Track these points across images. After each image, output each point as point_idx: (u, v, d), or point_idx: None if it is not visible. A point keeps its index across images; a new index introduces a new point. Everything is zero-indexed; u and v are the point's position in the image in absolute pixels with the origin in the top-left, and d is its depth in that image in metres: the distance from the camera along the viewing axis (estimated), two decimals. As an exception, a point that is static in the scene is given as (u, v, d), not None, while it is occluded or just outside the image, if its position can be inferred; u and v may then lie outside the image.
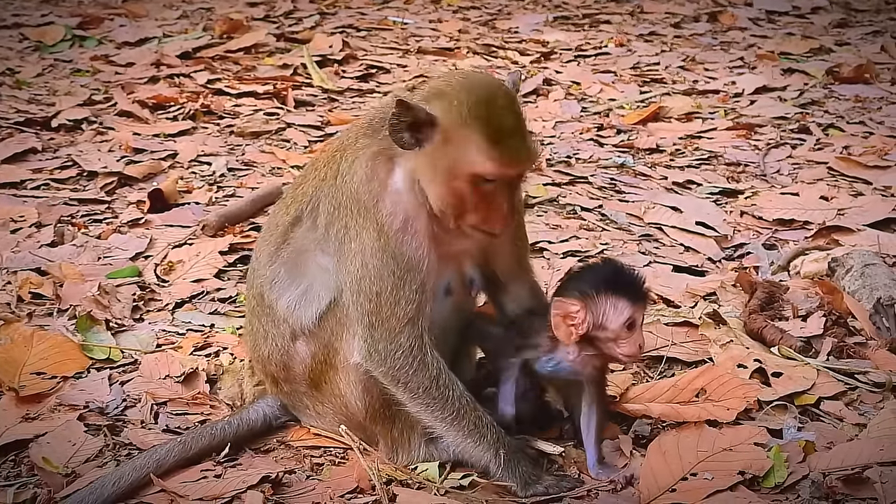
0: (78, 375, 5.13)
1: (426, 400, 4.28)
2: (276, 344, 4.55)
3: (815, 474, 4.38)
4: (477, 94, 4.14)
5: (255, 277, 4.65)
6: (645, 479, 4.33)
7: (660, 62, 11.03)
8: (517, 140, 4.15)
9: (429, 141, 4.13)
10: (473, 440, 4.29)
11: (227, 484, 4.28)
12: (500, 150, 4.09)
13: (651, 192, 7.55)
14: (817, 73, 10.51)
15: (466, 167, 4.10)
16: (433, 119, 4.11)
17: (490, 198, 4.18)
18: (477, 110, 4.10)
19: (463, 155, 4.09)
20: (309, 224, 4.44)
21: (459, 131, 4.09)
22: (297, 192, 4.57)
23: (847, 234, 6.82)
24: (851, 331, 5.60)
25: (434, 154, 4.14)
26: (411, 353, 4.25)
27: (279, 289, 4.50)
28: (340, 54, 10.73)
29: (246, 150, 8.20)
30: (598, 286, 4.25)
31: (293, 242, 4.49)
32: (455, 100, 4.13)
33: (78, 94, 9.34)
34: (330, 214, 4.35)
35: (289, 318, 4.48)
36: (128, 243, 6.54)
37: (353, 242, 4.26)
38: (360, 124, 4.49)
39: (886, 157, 8.21)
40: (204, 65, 10.28)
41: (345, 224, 4.29)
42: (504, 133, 4.11)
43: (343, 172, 4.33)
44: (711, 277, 6.26)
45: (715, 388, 4.90)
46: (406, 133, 4.12)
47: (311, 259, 4.44)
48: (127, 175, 7.58)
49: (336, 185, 4.34)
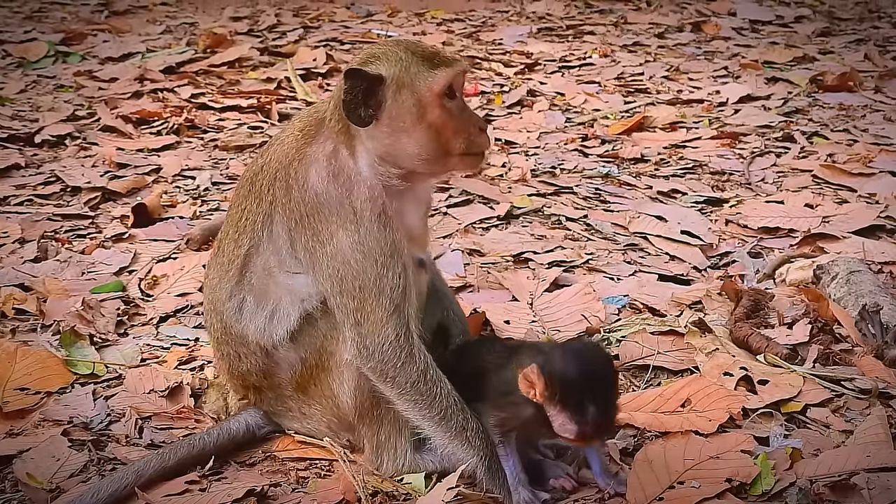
0: (62, 391, 5.11)
1: (414, 396, 4.27)
2: (253, 361, 4.55)
3: (803, 481, 4.37)
4: (402, 42, 4.41)
5: (216, 313, 4.64)
6: (632, 490, 4.30)
7: (644, 72, 11.03)
8: (446, 53, 4.42)
9: (382, 105, 4.23)
10: (461, 442, 4.28)
11: (213, 498, 4.26)
12: (443, 61, 4.31)
13: (636, 201, 7.55)
14: (801, 82, 10.52)
15: (430, 91, 4.26)
16: (381, 77, 4.23)
17: (460, 114, 4.34)
18: (410, 49, 4.33)
19: (421, 84, 4.25)
20: (270, 249, 4.43)
21: (406, 71, 4.25)
22: (241, 224, 4.53)
23: (832, 241, 6.81)
24: (837, 338, 5.60)
25: (396, 107, 4.25)
26: (399, 345, 4.25)
27: (247, 316, 4.50)
28: (324, 67, 10.72)
29: (230, 164, 8.18)
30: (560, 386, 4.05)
31: (255, 270, 4.48)
32: (388, 53, 4.31)
33: (61, 110, 9.32)
34: (292, 230, 4.35)
35: (260, 340, 4.49)
36: (112, 258, 6.52)
37: (327, 246, 4.26)
38: (288, 142, 4.47)
39: (871, 164, 8.21)
40: (188, 79, 10.26)
41: (313, 232, 4.29)
42: (436, 52, 4.38)
43: (297, 185, 4.32)
44: (697, 286, 6.25)
45: (700, 399, 4.91)
46: (361, 105, 4.19)
47: (275, 281, 4.44)
48: (111, 190, 7.56)
49: (292, 201, 4.33)
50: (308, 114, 4.57)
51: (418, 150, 4.27)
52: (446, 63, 4.32)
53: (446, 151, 4.31)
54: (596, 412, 4.02)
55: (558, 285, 6.13)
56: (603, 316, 5.76)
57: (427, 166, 4.34)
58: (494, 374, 4.38)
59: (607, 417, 4.08)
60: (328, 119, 4.38)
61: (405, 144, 4.26)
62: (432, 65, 4.27)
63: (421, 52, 4.32)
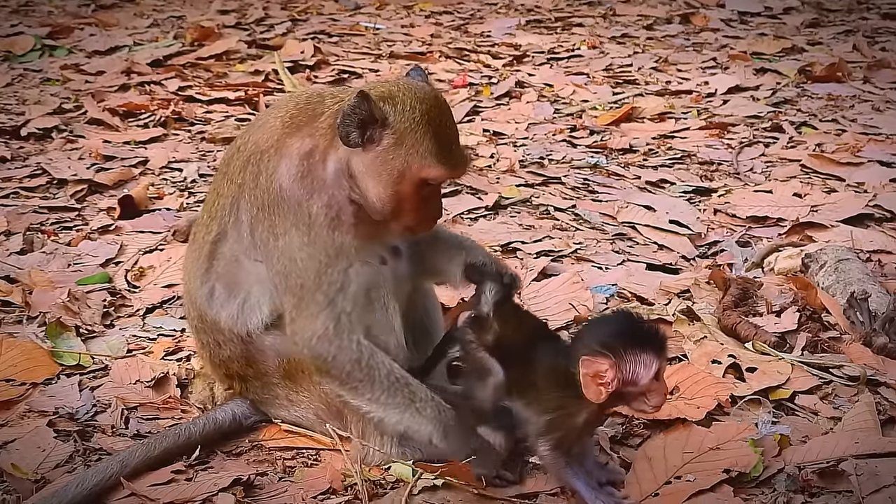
0: (48, 382, 5.09)
1: (352, 384, 4.28)
2: (232, 349, 4.54)
3: (791, 468, 4.38)
4: (428, 102, 4.25)
5: (191, 301, 4.65)
6: (629, 487, 4.30)
7: (632, 63, 11.00)
8: (459, 147, 4.34)
9: (375, 141, 4.19)
10: (411, 415, 4.29)
11: (198, 487, 4.25)
12: (450, 157, 4.25)
13: (624, 191, 7.54)
14: (790, 73, 10.50)
15: (419, 171, 4.21)
16: (386, 120, 4.16)
17: (428, 199, 4.31)
18: (430, 118, 4.21)
19: (415, 159, 4.19)
20: (236, 235, 4.43)
21: (412, 136, 4.18)
22: (213, 207, 4.53)
23: (820, 230, 6.82)
24: (825, 325, 5.60)
25: (382, 155, 4.20)
26: (328, 339, 4.25)
27: (218, 304, 4.50)
28: (312, 60, 10.68)
29: (217, 156, 8.13)
30: (623, 340, 4.02)
31: (222, 257, 4.47)
32: (407, 105, 4.21)
33: (48, 103, 9.26)
34: (253, 218, 4.34)
35: (234, 328, 4.48)
36: (98, 250, 6.49)
37: (279, 241, 4.27)
38: (273, 126, 4.43)
39: (859, 153, 8.21)
40: (175, 72, 10.21)
41: (270, 224, 4.29)
42: (451, 140, 4.29)
43: (267, 174, 4.31)
44: (685, 275, 6.25)
45: (688, 386, 4.91)
46: (355, 129, 4.14)
47: (244, 269, 4.43)
48: (97, 182, 7.54)
49: (258, 188, 4.32)
50: (306, 100, 4.48)
51: (375, 199, 4.24)
52: (450, 163, 4.25)
53: (396, 217, 4.30)
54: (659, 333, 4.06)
55: (546, 275, 6.12)
56: (591, 305, 5.75)
57: (373, 212, 4.29)
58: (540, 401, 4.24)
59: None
60: (321, 116, 4.33)
61: (369, 187, 4.24)
62: (439, 155, 4.20)
63: (439, 131, 4.23)
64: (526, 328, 4.41)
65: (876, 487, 4.28)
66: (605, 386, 3.98)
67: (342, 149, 4.23)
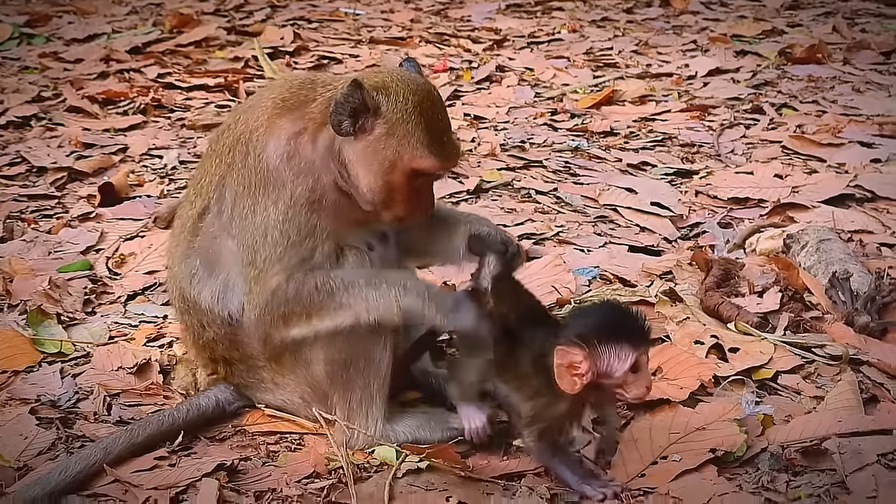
0: (29, 369, 5.06)
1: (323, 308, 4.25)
2: (216, 330, 4.51)
3: (774, 447, 4.40)
4: (420, 93, 4.25)
5: (172, 277, 4.63)
6: (615, 469, 4.31)
7: (613, 47, 11.01)
8: (451, 139, 4.32)
9: (367, 131, 4.19)
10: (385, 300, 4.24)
11: (182, 472, 4.24)
12: (442, 148, 4.24)
13: (605, 174, 7.54)
14: (770, 55, 10.53)
15: (410, 162, 4.21)
16: (378, 109, 4.16)
17: (419, 190, 4.32)
18: (422, 109, 4.22)
19: (407, 150, 4.20)
20: (216, 211, 4.41)
21: (405, 127, 4.19)
22: (200, 184, 4.51)
23: (802, 210, 6.83)
24: (808, 305, 5.62)
25: (374, 145, 4.20)
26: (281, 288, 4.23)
27: (199, 283, 4.48)
28: (292, 46, 10.65)
29: (198, 143, 8.12)
30: (599, 331, 3.97)
31: (203, 234, 4.45)
32: (400, 95, 4.21)
33: (26, 92, 9.20)
34: (238, 195, 4.32)
35: (215, 309, 4.46)
36: (78, 237, 6.46)
37: (257, 217, 4.26)
38: (264, 106, 4.40)
39: (840, 134, 8.23)
40: (154, 59, 10.15)
41: (252, 202, 4.27)
42: (444, 132, 4.28)
43: (255, 153, 4.29)
44: (667, 257, 6.26)
45: (671, 367, 4.91)
46: (347, 118, 4.13)
47: (225, 247, 4.41)
48: (77, 170, 7.49)
49: (246, 167, 4.31)
50: (299, 86, 4.44)
51: (365, 188, 4.25)
52: (442, 155, 4.25)
53: (385, 207, 4.31)
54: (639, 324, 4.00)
55: (529, 257, 6.10)
56: (573, 287, 5.75)
57: (362, 201, 4.29)
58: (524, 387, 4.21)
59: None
60: (313, 103, 4.32)
61: (359, 176, 4.24)
62: (430, 146, 4.20)
63: (431, 123, 4.23)
64: (521, 308, 4.35)
65: (859, 465, 4.30)
66: (580, 377, 3.95)
67: (331, 134, 4.22)
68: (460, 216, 4.77)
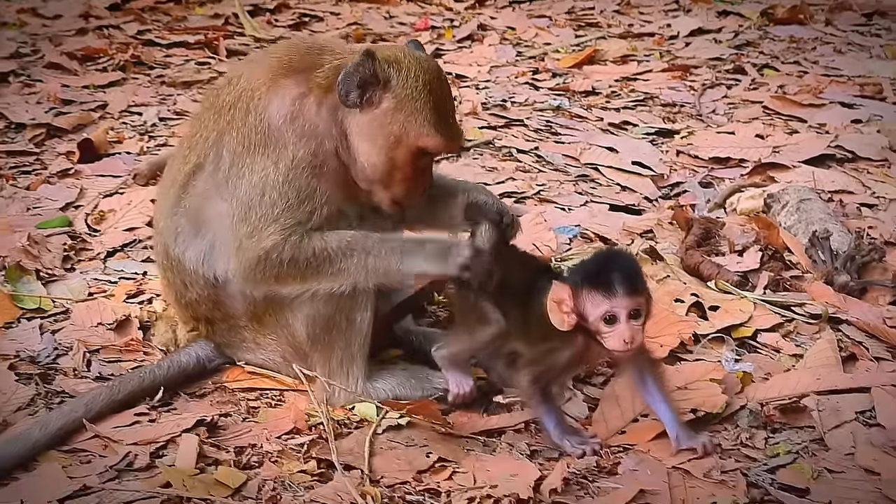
0: (8, 325, 5.03)
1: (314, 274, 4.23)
2: (199, 291, 4.49)
3: (753, 404, 4.43)
4: (431, 72, 4.25)
5: (158, 232, 4.60)
6: (595, 425, 4.34)
7: (595, 7, 10.98)
8: (456, 122, 4.35)
9: (374, 104, 4.17)
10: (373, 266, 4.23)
11: (162, 428, 4.24)
12: (448, 128, 4.24)
13: (587, 133, 7.53)
14: (752, 15, 10.53)
15: (416, 139, 4.20)
16: (388, 82, 4.14)
17: (418, 171, 4.29)
18: (432, 87, 4.21)
19: (413, 127, 4.18)
20: (211, 169, 4.35)
21: (414, 104, 4.17)
22: (195, 139, 4.45)
23: (783, 170, 6.85)
24: (787, 264, 5.65)
25: (380, 119, 4.19)
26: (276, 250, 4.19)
27: (184, 241, 4.45)
28: (273, 3, 10.57)
29: (178, 100, 8.08)
30: (584, 274, 4.05)
31: (194, 191, 4.41)
32: (412, 72, 4.19)
33: (4, 48, 9.11)
34: (237, 155, 4.27)
35: (199, 269, 4.44)
36: (57, 193, 6.42)
37: (254, 176, 4.21)
38: (269, 64, 4.36)
39: (821, 95, 8.25)
40: (133, 16, 10.08)
41: (251, 161, 4.22)
42: (450, 113, 4.30)
43: (256, 112, 4.25)
44: (648, 216, 6.27)
45: (651, 325, 4.88)
46: (356, 89, 4.11)
47: (214, 208, 4.36)
48: (56, 126, 7.43)
49: (246, 125, 4.26)
50: (306, 49, 4.40)
51: (366, 162, 4.23)
52: (448, 135, 4.24)
53: (382, 185, 4.29)
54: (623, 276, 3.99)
55: (511, 217, 6.10)
56: (554, 245, 5.76)
57: (359, 178, 4.28)
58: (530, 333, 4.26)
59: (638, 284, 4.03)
60: (320, 69, 4.27)
61: (361, 150, 4.22)
62: (437, 125, 4.19)
63: (439, 102, 4.22)
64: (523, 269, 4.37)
65: (837, 423, 4.35)
66: (567, 315, 4.01)
67: (337, 104, 4.19)
68: (458, 184, 4.75)
